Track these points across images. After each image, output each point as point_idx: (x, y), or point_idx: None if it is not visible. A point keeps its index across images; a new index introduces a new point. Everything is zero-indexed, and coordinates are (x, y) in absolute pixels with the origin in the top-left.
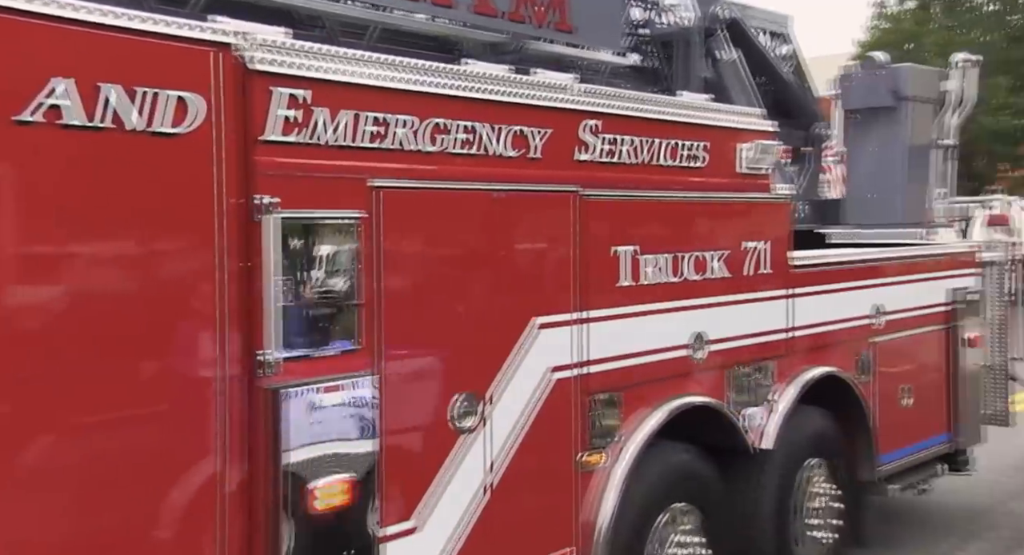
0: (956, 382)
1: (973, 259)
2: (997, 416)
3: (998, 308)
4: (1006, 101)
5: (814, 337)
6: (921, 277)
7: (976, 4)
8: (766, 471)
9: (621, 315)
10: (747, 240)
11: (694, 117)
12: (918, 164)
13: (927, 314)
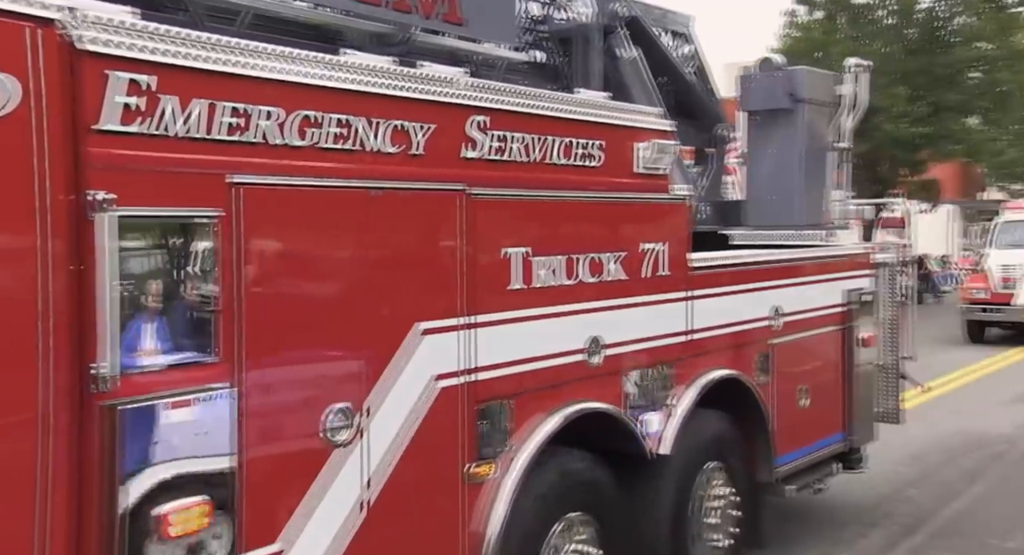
0: (851, 382)
1: (868, 260)
2: (889, 414)
3: (890, 308)
4: (905, 110)
5: (713, 339)
6: (819, 278)
7: (877, 17)
8: (664, 477)
9: (512, 319)
10: (645, 241)
11: (589, 115)
12: (815, 166)
13: (824, 315)
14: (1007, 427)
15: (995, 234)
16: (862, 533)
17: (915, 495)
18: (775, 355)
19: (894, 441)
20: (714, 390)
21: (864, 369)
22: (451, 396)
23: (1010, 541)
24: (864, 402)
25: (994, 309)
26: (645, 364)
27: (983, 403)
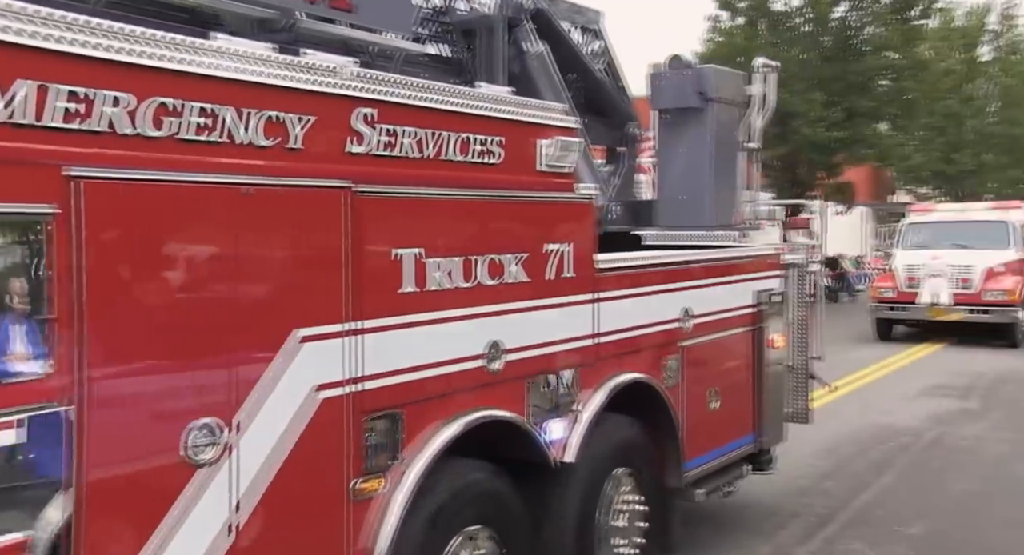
0: (761, 383)
1: (778, 261)
2: (798, 414)
3: (800, 309)
4: (822, 115)
5: (621, 342)
6: (729, 279)
7: (795, 24)
8: (569, 485)
9: (404, 324)
10: (549, 242)
11: (487, 110)
12: (725, 166)
13: (735, 316)
14: (913, 420)
15: (901, 235)
16: (781, 525)
17: (830, 487)
18: (685, 357)
19: (812, 436)
20: (622, 394)
21: (774, 370)
22: (334, 407)
23: (913, 527)
24: (774, 403)
25: (900, 308)
26: (549, 369)
27: (891, 398)
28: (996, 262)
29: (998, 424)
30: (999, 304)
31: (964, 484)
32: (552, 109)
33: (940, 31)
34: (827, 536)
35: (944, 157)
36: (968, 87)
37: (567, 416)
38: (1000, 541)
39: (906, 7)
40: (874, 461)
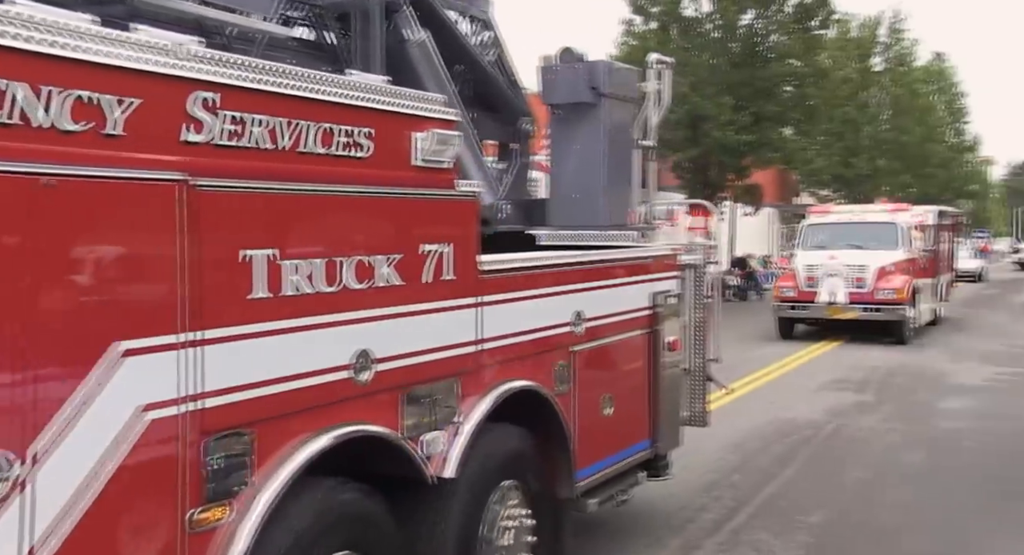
0: (657, 387)
1: (675, 262)
2: (696, 418)
3: (697, 311)
4: (731, 118)
5: (507, 348)
6: (624, 281)
7: (705, 30)
8: (449, 501)
9: (254, 334)
10: (426, 242)
11: (353, 98)
12: (620, 164)
13: (629, 319)
14: (813, 414)
15: (801, 236)
16: (691, 519)
17: (737, 480)
18: (577, 362)
19: (721, 432)
20: (509, 403)
21: (671, 373)
22: (166, 429)
23: (813, 516)
24: (671, 407)
25: (801, 306)
26: (426, 378)
27: (794, 393)
28: (887, 262)
29: (889, 416)
30: (890, 302)
31: (859, 473)
32: (429, 100)
33: (838, 41)
34: (734, 527)
35: (843, 161)
36: (863, 95)
37: (447, 428)
38: (890, 524)
39: (807, 17)
40: (778, 454)
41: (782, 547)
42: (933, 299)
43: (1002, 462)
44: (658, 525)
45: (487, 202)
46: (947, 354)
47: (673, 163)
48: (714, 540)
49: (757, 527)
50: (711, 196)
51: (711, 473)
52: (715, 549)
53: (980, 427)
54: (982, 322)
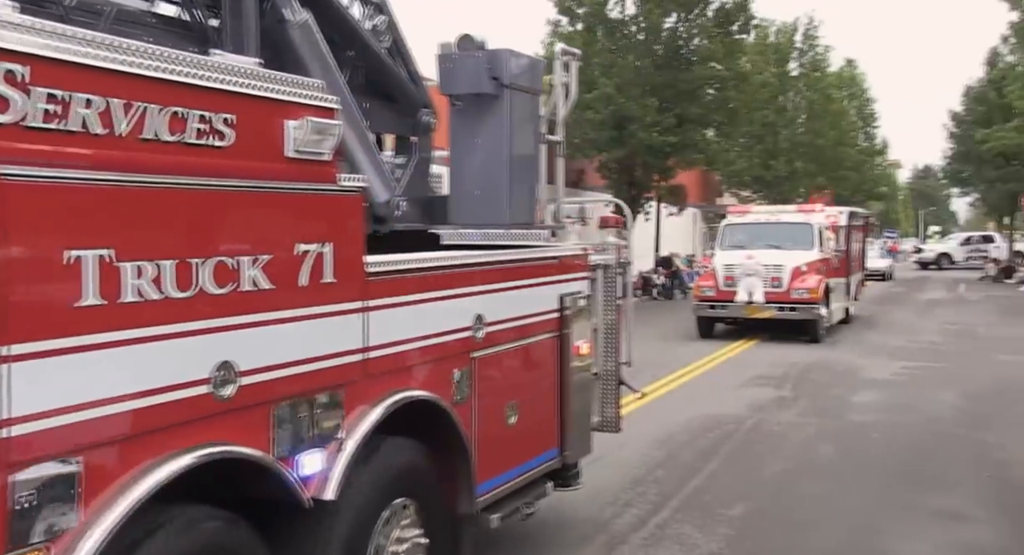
0: (566, 393)
1: (585, 262)
2: (608, 423)
3: (609, 312)
4: (656, 119)
5: (399, 356)
6: (529, 282)
7: (630, 32)
8: (332, 525)
9: (82, 347)
10: (301, 242)
11: (206, 79)
12: (525, 159)
13: (536, 322)
14: (735, 409)
15: (721, 236)
16: (617, 514)
17: (662, 475)
18: (477, 369)
19: (647, 428)
20: (402, 415)
21: (580, 378)
22: None
23: (734, 509)
24: (580, 414)
25: (720, 306)
26: (302, 391)
27: (717, 389)
28: (802, 262)
29: (806, 410)
30: (804, 302)
31: (778, 465)
32: (303, 85)
33: (757, 46)
34: (659, 522)
35: (763, 163)
36: (781, 99)
37: (328, 445)
38: (807, 515)
39: (727, 22)
40: (702, 449)
41: (704, 540)
42: (845, 298)
43: (907, 453)
44: (584, 521)
45: (381, 199)
46: (859, 350)
47: (599, 163)
48: (639, 535)
49: (681, 521)
50: (637, 196)
51: (637, 469)
52: (640, 543)
53: (887, 420)
54: (891, 319)
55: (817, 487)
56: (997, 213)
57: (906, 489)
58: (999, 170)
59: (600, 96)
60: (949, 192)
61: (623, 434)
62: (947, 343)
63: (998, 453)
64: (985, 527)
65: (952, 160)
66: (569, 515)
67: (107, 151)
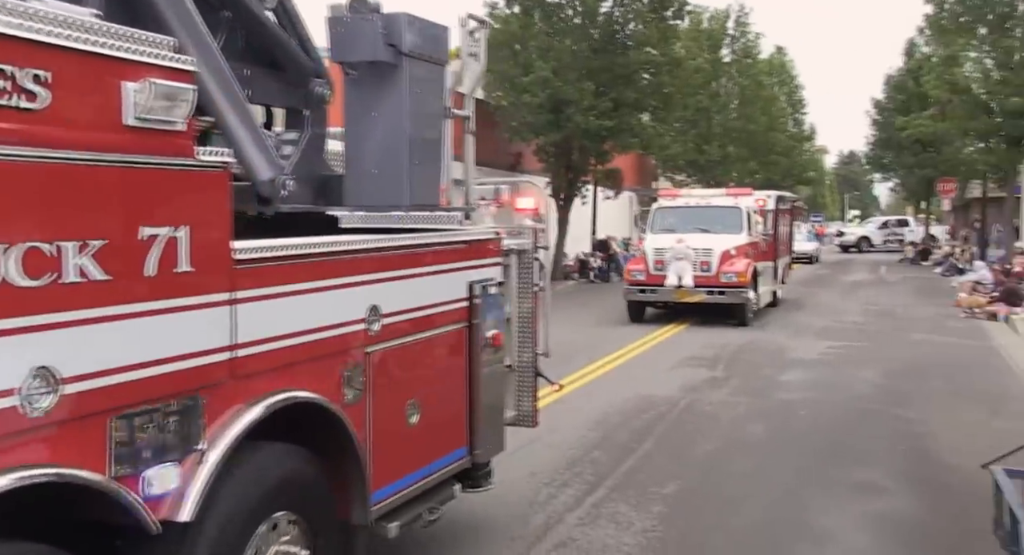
0: (476, 388)
1: (498, 247)
2: (524, 417)
3: (525, 301)
4: (592, 103)
5: (276, 354)
6: (434, 269)
7: (567, 16)
8: (193, 550)
9: None
10: (147, 225)
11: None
12: (428, 136)
13: (441, 312)
14: (669, 390)
15: (651, 220)
16: (554, 495)
17: (598, 456)
18: (373, 366)
19: (583, 409)
20: (282, 420)
21: (492, 371)
22: None
23: (667, 487)
24: (492, 410)
25: (651, 290)
26: (148, 398)
27: (652, 371)
28: (730, 246)
29: (736, 389)
30: (733, 286)
31: (709, 445)
32: (147, 42)
33: (691, 32)
34: (595, 501)
35: (697, 148)
36: (714, 85)
37: (185, 459)
38: (737, 492)
39: (662, 7)
40: (636, 429)
41: (639, 518)
42: (773, 281)
43: (831, 429)
44: (522, 503)
45: (264, 177)
46: (788, 331)
47: (537, 147)
48: (575, 514)
49: (616, 500)
50: (574, 179)
51: (573, 450)
52: (576, 523)
53: (813, 397)
54: (817, 300)
55: (746, 464)
56: (915, 198)
57: (829, 464)
58: (917, 156)
59: (537, 79)
60: (872, 177)
61: (560, 416)
62: (869, 323)
63: (914, 427)
64: (901, 498)
65: (874, 146)
66: (507, 496)
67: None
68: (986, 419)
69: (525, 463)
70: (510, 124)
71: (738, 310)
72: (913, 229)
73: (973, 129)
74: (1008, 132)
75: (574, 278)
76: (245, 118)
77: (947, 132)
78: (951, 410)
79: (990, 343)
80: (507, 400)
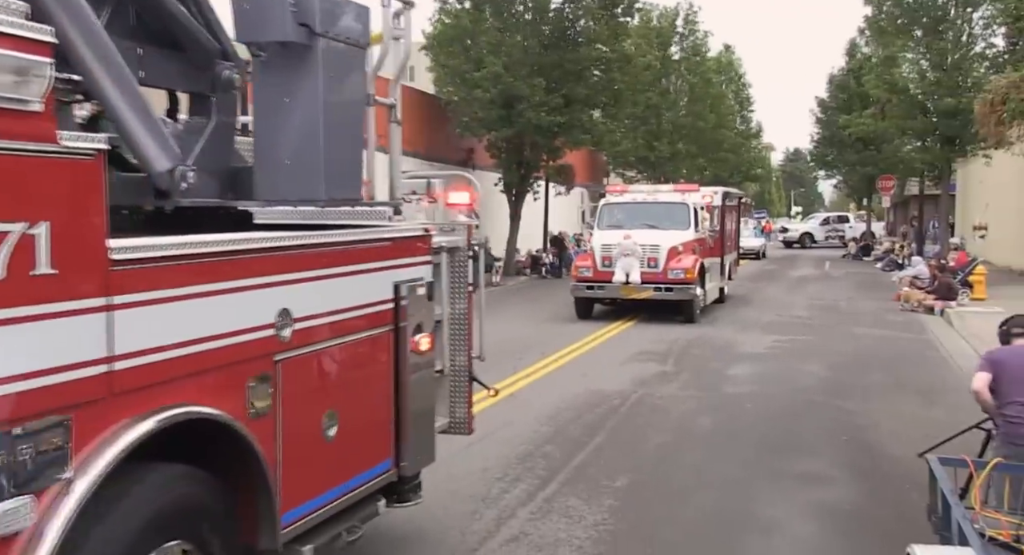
0: (403, 396)
1: (427, 244)
2: (457, 425)
3: (458, 302)
4: (544, 99)
5: (165, 365)
6: (353, 269)
7: (518, 11)
8: None
9: None
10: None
11: None
12: (347, 125)
13: (362, 315)
14: (620, 384)
15: (599, 216)
16: (506, 489)
17: (551, 450)
18: (283, 375)
19: (536, 404)
20: (174, 438)
21: (421, 377)
22: None
23: (618, 481)
24: (421, 418)
25: (598, 286)
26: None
27: (602, 366)
28: (678, 242)
29: (686, 383)
30: (680, 282)
31: (660, 438)
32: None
33: (640, 29)
34: (547, 496)
35: (647, 145)
36: (664, 82)
37: (46, 489)
38: (687, 484)
39: (612, 4)
40: (588, 424)
41: (590, 511)
42: (720, 278)
43: (777, 421)
44: (475, 498)
45: (161, 168)
46: (736, 326)
47: (488, 142)
48: (528, 509)
49: (568, 494)
50: (526, 175)
51: (525, 445)
52: (528, 517)
53: (760, 391)
54: (764, 296)
55: (695, 457)
56: (857, 195)
57: (775, 455)
58: (859, 154)
59: (488, 75)
60: (816, 174)
61: (512, 411)
62: (814, 317)
63: (856, 418)
64: (842, 487)
65: (819, 144)
66: (459, 492)
67: None
68: (923, 410)
69: (477, 459)
70: (461, 119)
71: (686, 307)
72: (852, 225)
73: (910, 128)
74: (943, 132)
75: (526, 274)
76: (136, 103)
77: (886, 131)
78: (891, 401)
79: (927, 336)
80: (439, 407)
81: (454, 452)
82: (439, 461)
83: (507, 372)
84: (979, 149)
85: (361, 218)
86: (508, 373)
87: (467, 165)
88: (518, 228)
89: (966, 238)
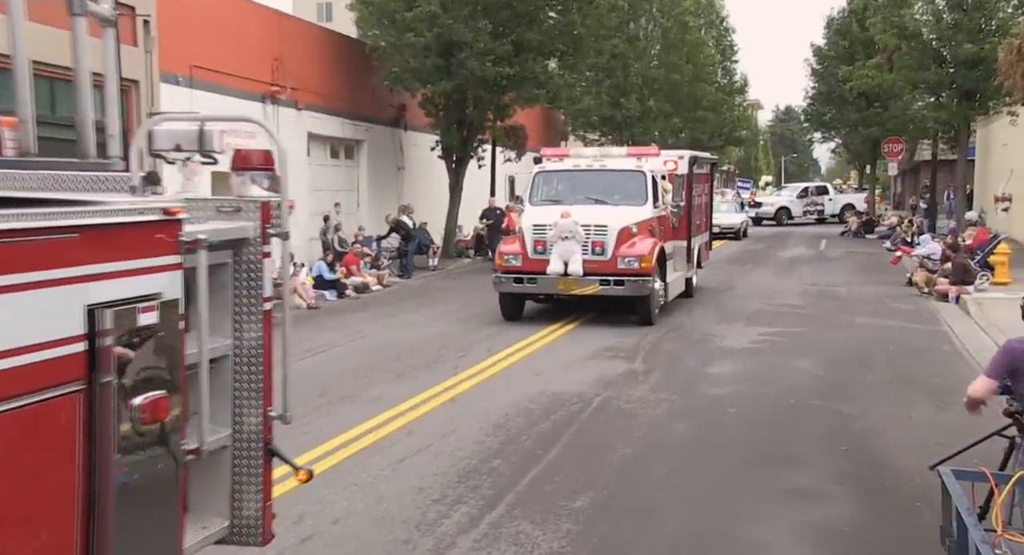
0: (103, 501)
1: (170, 236)
2: (243, 530)
3: (245, 330)
4: (489, 46)
5: None
6: None
7: None
8: None
9: None
10: None
11: None
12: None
13: (14, 367)
14: (581, 385)
15: (531, 187)
16: (445, 514)
17: (499, 465)
18: None
19: (481, 410)
20: None
21: (149, 468)
22: None
23: (578, 501)
24: (141, 537)
25: (529, 279)
26: None
27: (561, 364)
28: (631, 221)
29: (659, 384)
30: (633, 273)
31: (627, 448)
32: None
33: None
34: (493, 520)
35: (613, 101)
36: (632, 27)
37: None
38: (657, 503)
39: None
40: (543, 433)
41: (545, 538)
42: (687, 266)
43: (764, 427)
44: (407, 525)
45: None
46: (716, 317)
47: (423, 98)
48: (470, 537)
49: (519, 517)
50: (469, 137)
51: (468, 459)
52: (471, 547)
53: (745, 392)
54: (749, 280)
55: (668, 470)
56: (859, 161)
57: (762, 468)
58: (861, 112)
59: (423, 15)
60: (811, 137)
61: (453, 419)
62: (807, 305)
63: (855, 424)
64: (841, 505)
65: (814, 101)
66: (390, 517)
67: None
68: (935, 414)
69: (411, 477)
70: (390, 70)
71: (641, 304)
72: (832, 198)
73: (923, 80)
74: (961, 84)
75: (469, 256)
76: None
77: (894, 84)
78: (897, 404)
79: (939, 327)
80: (210, 503)
81: (382, 470)
82: (362, 483)
83: (446, 373)
84: (1003, 105)
85: (81, 191)
86: (448, 374)
87: (398, 125)
88: (459, 201)
89: (986, 211)
